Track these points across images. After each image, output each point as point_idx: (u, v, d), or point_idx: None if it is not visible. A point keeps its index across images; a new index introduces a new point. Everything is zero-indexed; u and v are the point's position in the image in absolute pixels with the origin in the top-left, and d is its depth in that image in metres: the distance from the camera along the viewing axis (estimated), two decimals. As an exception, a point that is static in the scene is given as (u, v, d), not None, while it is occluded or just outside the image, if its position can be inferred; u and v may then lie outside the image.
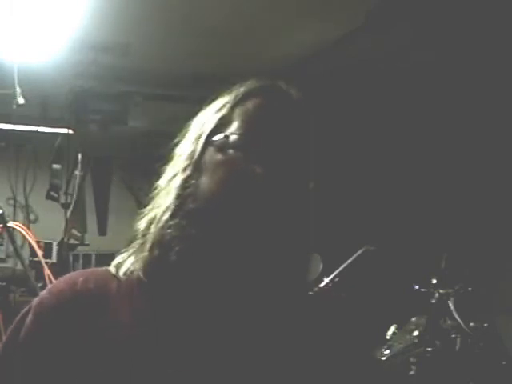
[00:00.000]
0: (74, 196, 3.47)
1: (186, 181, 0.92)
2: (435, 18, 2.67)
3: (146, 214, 0.95)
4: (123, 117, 3.58)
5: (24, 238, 2.87)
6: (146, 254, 0.92)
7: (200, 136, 0.95)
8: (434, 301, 2.39)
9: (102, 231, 4.36)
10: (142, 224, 0.94)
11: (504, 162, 2.88)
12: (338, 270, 2.70)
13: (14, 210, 4.04)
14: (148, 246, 0.92)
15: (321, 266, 2.65)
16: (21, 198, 4.06)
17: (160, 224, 0.91)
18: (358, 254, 2.73)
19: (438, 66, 2.95)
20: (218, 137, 0.92)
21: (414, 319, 2.54)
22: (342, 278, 2.69)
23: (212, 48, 3.15)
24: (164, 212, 0.91)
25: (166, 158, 0.98)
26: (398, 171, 3.30)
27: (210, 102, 0.98)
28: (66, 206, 3.50)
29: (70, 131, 3.56)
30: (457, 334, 2.31)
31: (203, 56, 3.32)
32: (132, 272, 0.93)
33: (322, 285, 2.66)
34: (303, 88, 0.95)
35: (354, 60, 3.15)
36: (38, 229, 3.74)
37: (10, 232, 2.69)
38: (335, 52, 3.15)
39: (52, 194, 3.63)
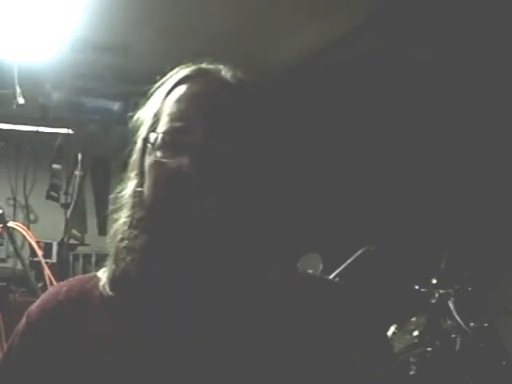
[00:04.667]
0: (74, 196, 3.46)
1: (134, 190, 0.93)
2: (435, 18, 2.67)
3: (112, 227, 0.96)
4: (123, 117, 3.57)
5: (24, 237, 2.87)
6: (109, 266, 0.94)
7: (138, 140, 0.95)
8: (433, 301, 2.39)
9: (102, 231, 4.36)
10: (109, 237, 0.96)
11: (504, 162, 2.88)
12: (338, 270, 2.70)
13: (14, 210, 4.04)
14: (110, 259, 0.94)
15: (321, 266, 2.65)
16: (21, 198, 4.07)
17: (118, 237, 0.93)
18: (358, 253, 2.73)
19: (438, 66, 2.95)
20: (150, 139, 0.92)
21: (414, 319, 2.54)
22: (342, 278, 2.69)
23: (212, 48, 3.15)
24: (122, 224, 0.93)
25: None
26: (399, 171, 3.30)
27: (147, 97, 0.99)
28: (65, 206, 3.49)
29: (70, 131, 3.56)
30: (457, 334, 2.30)
31: (203, 56, 3.31)
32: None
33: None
34: (303, 88, 0.96)
35: (354, 60, 3.15)
36: (37, 229, 3.74)
37: (10, 232, 2.69)
38: (335, 52, 3.15)
39: (52, 193, 3.63)
